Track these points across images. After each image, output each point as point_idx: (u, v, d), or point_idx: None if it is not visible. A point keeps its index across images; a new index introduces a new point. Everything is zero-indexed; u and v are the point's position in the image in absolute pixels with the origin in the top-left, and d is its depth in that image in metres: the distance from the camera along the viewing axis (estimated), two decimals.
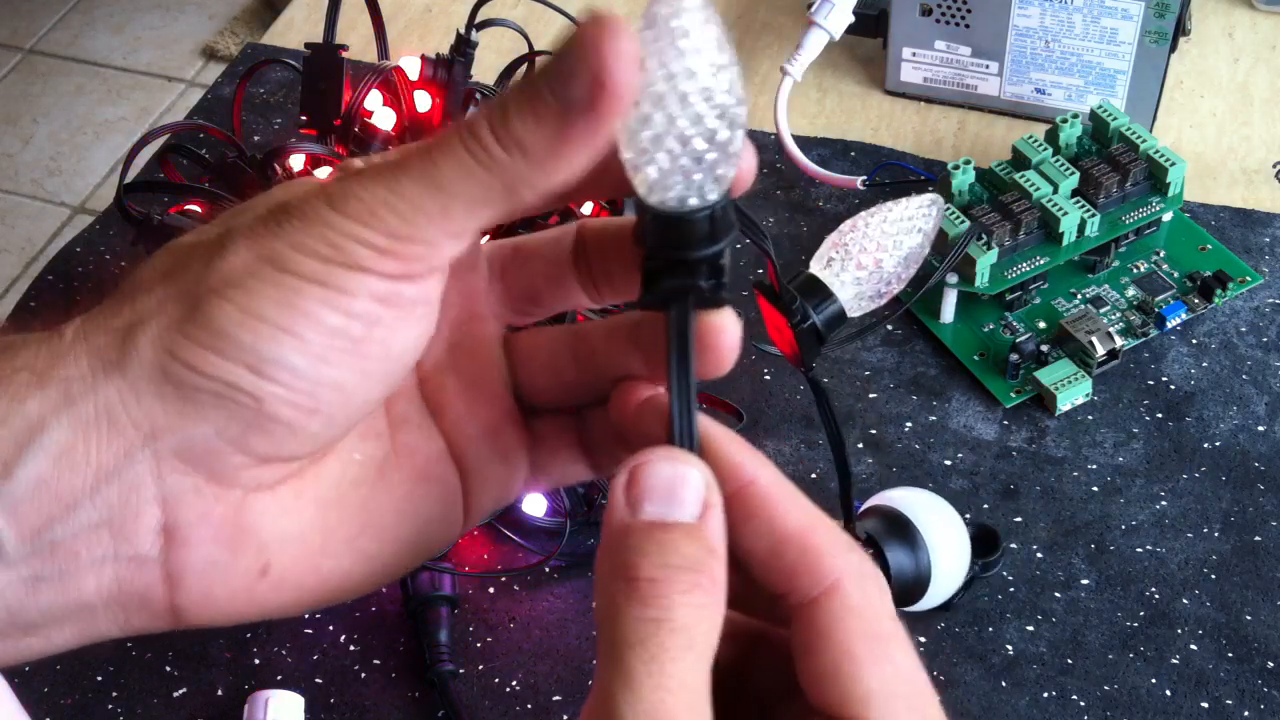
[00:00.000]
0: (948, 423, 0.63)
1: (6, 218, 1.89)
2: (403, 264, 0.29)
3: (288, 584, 0.31)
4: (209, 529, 0.30)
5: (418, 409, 0.34)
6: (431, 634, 0.56)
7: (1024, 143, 0.67)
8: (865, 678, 0.28)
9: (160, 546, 0.30)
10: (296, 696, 0.55)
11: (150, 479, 0.29)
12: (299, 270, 0.28)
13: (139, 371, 0.29)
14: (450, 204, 0.29)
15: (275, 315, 0.28)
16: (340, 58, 0.66)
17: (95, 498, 0.29)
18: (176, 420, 0.29)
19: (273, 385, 0.29)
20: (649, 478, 0.29)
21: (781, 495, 0.30)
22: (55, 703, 0.56)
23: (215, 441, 0.29)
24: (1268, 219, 0.70)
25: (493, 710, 0.55)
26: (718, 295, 0.30)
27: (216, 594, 0.31)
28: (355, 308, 0.29)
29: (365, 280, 0.29)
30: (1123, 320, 0.66)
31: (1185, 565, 0.58)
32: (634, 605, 0.27)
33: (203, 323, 0.28)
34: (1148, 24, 0.70)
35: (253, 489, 0.30)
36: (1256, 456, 0.61)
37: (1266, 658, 0.55)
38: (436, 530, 0.34)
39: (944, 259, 0.64)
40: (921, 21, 0.74)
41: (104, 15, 2.19)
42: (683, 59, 0.28)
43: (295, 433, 0.30)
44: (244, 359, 0.28)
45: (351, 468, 0.32)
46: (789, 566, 0.29)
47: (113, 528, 0.29)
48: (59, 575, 0.29)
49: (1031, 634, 0.56)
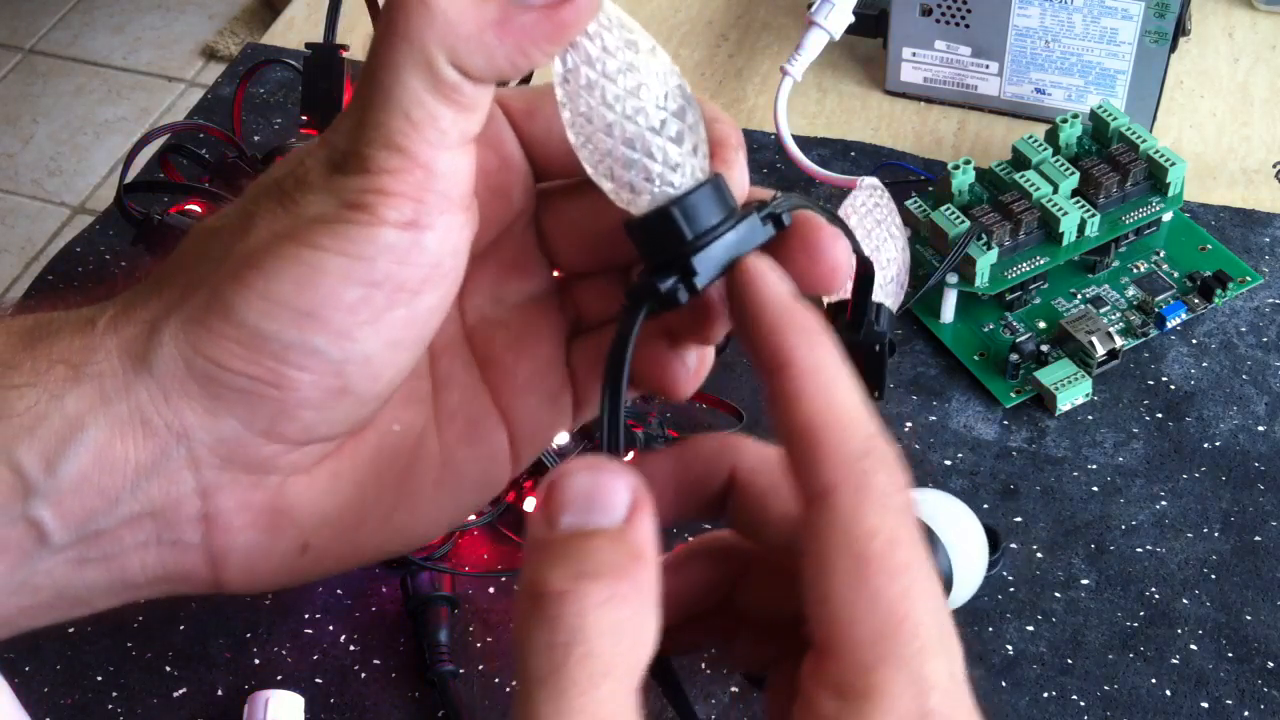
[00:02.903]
0: (948, 423, 0.63)
1: (6, 218, 1.89)
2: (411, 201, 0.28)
3: (327, 557, 0.32)
4: (249, 514, 0.30)
5: (463, 365, 0.33)
6: (431, 634, 0.56)
7: (1024, 143, 0.67)
8: (833, 599, 0.25)
9: (202, 533, 0.30)
10: (296, 696, 0.55)
11: (188, 473, 0.29)
12: (315, 241, 0.28)
13: (165, 368, 0.29)
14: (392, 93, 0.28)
15: (295, 298, 0.28)
16: (341, 58, 0.66)
17: (136, 492, 0.29)
18: (206, 419, 0.29)
19: (297, 371, 0.29)
20: (567, 489, 0.26)
21: (806, 384, 0.26)
22: (55, 703, 0.56)
23: (245, 434, 0.29)
24: (1268, 219, 0.70)
25: (493, 710, 0.55)
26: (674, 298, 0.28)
27: (258, 571, 0.31)
28: (376, 273, 0.28)
29: (382, 234, 0.28)
30: (1123, 320, 0.66)
31: (1185, 565, 0.58)
32: (541, 629, 0.25)
33: (224, 314, 0.28)
34: (1148, 24, 0.70)
35: (289, 473, 0.31)
36: (1256, 456, 0.61)
37: (1266, 658, 0.55)
38: (478, 491, 0.34)
39: (944, 259, 0.64)
40: (921, 21, 0.74)
41: (104, 15, 2.19)
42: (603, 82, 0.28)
43: (325, 415, 0.30)
44: (268, 348, 0.28)
45: (390, 439, 0.32)
46: (795, 470, 0.26)
47: (155, 517, 0.30)
48: (104, 558, 0.30)
49: (1031, 634, 0.56)
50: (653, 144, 0.29)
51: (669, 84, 0.29)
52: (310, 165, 0.29)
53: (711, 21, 0.85)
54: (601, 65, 0.28)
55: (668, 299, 0.28)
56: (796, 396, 0.26)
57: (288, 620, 0.58)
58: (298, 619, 0.58)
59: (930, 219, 0.65)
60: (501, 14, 0.28)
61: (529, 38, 0.28)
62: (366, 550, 0.32)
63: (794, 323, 0.27)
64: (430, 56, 0.28)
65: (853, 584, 0.25)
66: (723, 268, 0.29)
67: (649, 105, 0.28)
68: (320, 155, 0.29)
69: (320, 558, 0.32)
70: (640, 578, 0.25)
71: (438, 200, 0.29)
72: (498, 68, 0.28)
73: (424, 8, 0.28)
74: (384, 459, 0.32)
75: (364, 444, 0.32)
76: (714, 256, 0.29)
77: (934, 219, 0.65)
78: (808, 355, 0.27)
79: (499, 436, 0.34)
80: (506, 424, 0.34)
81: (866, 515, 0.26)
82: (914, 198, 0.67)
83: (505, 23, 0.28)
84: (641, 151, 0.28)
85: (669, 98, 0.29)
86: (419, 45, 0.28)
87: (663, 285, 0.28)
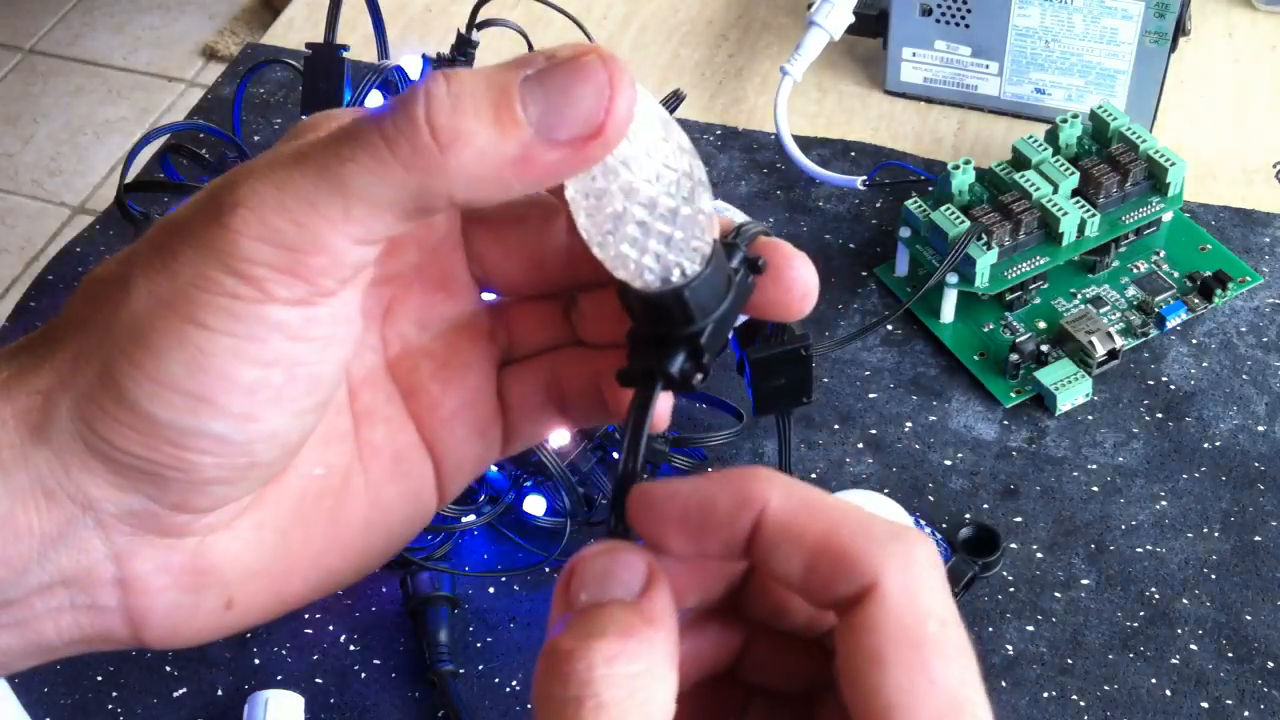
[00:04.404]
0: (948, 423, 0.63)
1: (6, 218, 1.89)
2: (307, 283, 0.26)
3: (253, 611, 0.30)
4: (168, 576, 0.29)
5: (385, 397, 0.32)
6: (431, 634, 0.56)
7: (1024, 143, 0.67)
8: (888, 689, 0.24)
9: (119, 597, 0.29)
10: (296, 696, 0.55)
11: (98, 540, 0.28)
12: (202, 319, 0.26)
13: (63, 442, 0.27)
14: (352, 205, 0.25)
15: (188, 382, 0.26)
16: (341, 58, 0.66)
17: (44, 562, 0.28)
18: (110, 492, 0.27)
19: (199, 455, 0.27)
20: (584, 571, 0.26)
21: (797, 511, 0.26)
22: (55, 703, 0.56)
23: (154, 507, 0.28)
24: (1268, 219, 0.70)
25: (493, 710, 0.55)
26: (688, 381, 0.28)
27: (181, 629, 0.30)
28: (268, 354, 0.26)
29: (272, 313, 0.26)
30: (1123, 320, 0.66)
31: (1185, 565, 0.58)
32: (554, 684, 0.24)
33: (116, 396, 0.26)
34: (1148, 24, 0.70)
35: (207, 534, 0.29)
36: (1256, 456, 0.61)
37: (1266, 658, 0.55)
38: (407, 525, 0.33)
39: (944, 259, 0.64)
40: (921, 21, 0.74)
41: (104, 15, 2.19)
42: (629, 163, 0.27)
43: (234, 485, 0.28)
44: (164, 435, 0.27)
45: (313, 483, 0.30)
46: (825, 580, 0.25)
47: (67, 585, 0.28)
48: (16, 624, 0.29)
49: (1031, 634, 0.56)
50: (666, 233, 0.28)
51: (685, 167, 0.28)
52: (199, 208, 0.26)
53: (711, 21, 0.85)
54: (622, 152, 0.27)
55: (684, 382, 0.28)
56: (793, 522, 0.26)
57: (288, 620, 0.58)
58: (298, 619, 0.58)
59: (930, 219, 0.65)
60: (523, 152, 0.25)
61: (552, 174, 0.26)
62: (294, 598, 0.31)
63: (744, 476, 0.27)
64: (424, 196, 0.25)
65: (910, 673, 0.24)
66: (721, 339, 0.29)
67: (663, 195, 0.27)
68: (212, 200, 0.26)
69: (246, 612, 0.30)
70: (653, 638, 0.25)
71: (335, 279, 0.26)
72: (507, 199, 0.26)
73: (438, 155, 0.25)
74: (308, 503, 0.30)
75: (286, 490, 0.30)
76: (717, 332, 0.29)
77: (934, 219, 0.65)
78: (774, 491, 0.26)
79: (425, 469, 0.32)
80: (433, 456, 0.32)
81: (919, 598, 0.25)
82: (914, 198, 0.67)
83: (527, 161, 0.25)
84: (654, 238, 0.27)
85: (680, 184, 0.28)
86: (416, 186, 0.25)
87: (674, 368, 0.28)
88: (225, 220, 0.26)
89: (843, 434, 0.63)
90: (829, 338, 0.67)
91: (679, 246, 0.28)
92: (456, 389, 0.32)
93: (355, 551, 0.32)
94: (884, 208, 0.72)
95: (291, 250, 0.26)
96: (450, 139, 0.25)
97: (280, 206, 0.25)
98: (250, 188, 0.26)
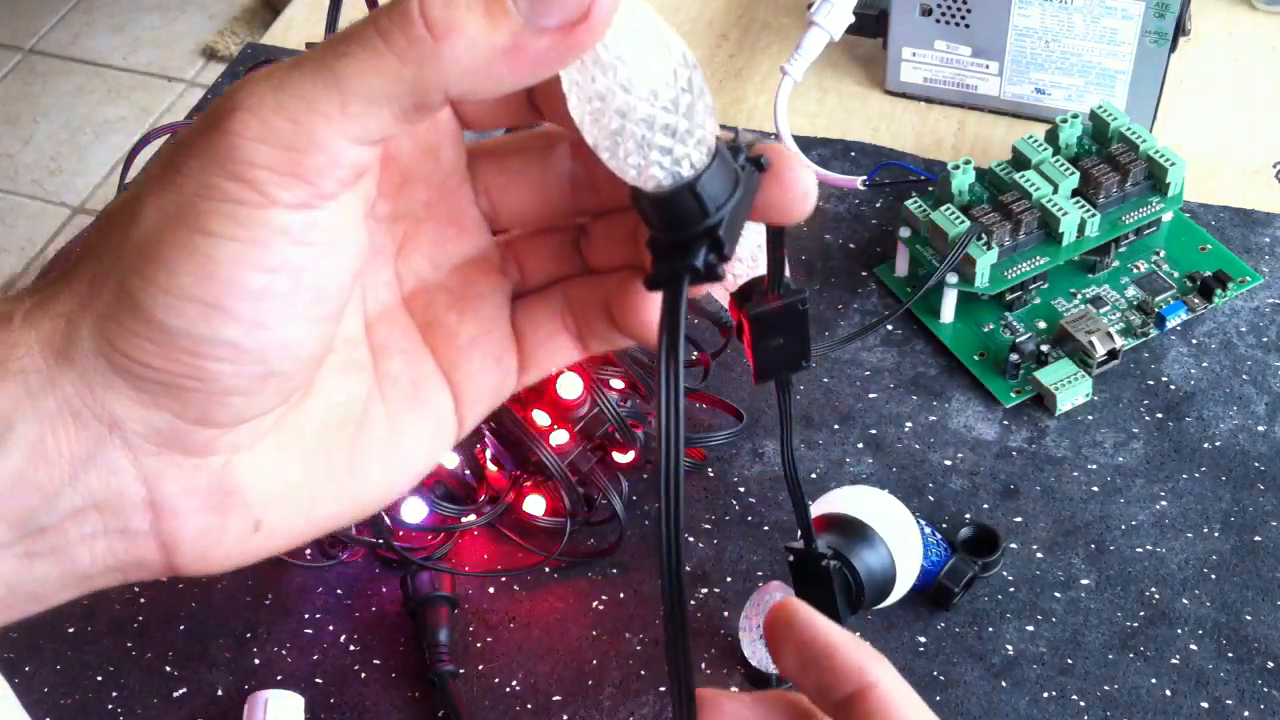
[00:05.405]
0: (948, 423, 0.63)
1: (6, 218, 1.89)
2: (307, 184, 0.27)
3: (280, 534, 0.31)
4: (196, 498, 0.30)
5: (402, 330, 0.33)
6: (431, 634, 0.56)
7: (1024, 143, 0.67)
8: None
9: (150, 520, 0.30)
10: (296, 696, 0.55)
11: (127, 462, 0.29)
12: (207, 227, 0.27)
13: (87, 363, 0.28)
14: (349, 100, 0.26)
15: (198, 290, 0.27)
16: None
17: (75, 485, 0.29)
18: (134, 409, 0.28)
19: (216, 364, 0.28)
20: None
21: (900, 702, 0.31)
22: (55, 703, 0.56)
23: (178, 423, 0.29)
24: (1268, 219, 0.70)
25: (493, 710, 0.55)
26: (714, 272, 0.29)
27: (212, 553, 0.30)
28: (273, 259, 0.27)
29: (274, 217, 0.27)
30: (1123, 320, 0.66)
31: (1185, 565, 0.58)
32: None
33: (131, 309, 0.28)
34: (1148, 24, 0.70)
35: (232, 453, 0.30)
36: (1256, 456, 0.61)
37: (1266, 658, 0.55)
38: (428, 453, 0.33)
39: (944, 259, 0.64)
40: (921, 21, 0.74)
41: (104, 15, 2.19)
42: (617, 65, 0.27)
43: (253, 398, 0.29)
44: (180, 345, 0.28)
45: (335, 410, 0.31)
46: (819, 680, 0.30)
47: (99, 509, 0.29)
48: (52, 551, 0.29)
49: (1031, 634, 0.56)
50: (671, 125, 0.28)
51: (680, 57, 0.28)
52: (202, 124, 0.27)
53: (711, 21, 0.85)
54: (617, 48, 0.27)
55: (710, 274, 0.29)
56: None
57: (288, 620, 0.58)
58: (298, 619, 0.58)
59: (930, 219, 0.65)
60: (513, 42, 0.26)
61: (542, 63, 0.26)
62: (321, 521, 0.32)
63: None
64: (419, 89, 0.26)
65: None
66: (737, 229, 0.29)
67: (663, 86, 0.28)
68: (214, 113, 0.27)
69: (274, 534, 0.31)
70: None
71: (334, 181, 0.27)
72: (500, 92, 0.27)
73: (432, 45, 0.26)
74: (329, 430, 0.31)
75: (307, 416, 0.31)
76: (732, 223, 0.29)
77: (934, 219, 0.65)
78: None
79: (443, 399, 0.33)
80: (451, 386, 0.33)
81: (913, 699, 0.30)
82: (914, 198, 0.67)
83: (517, 50, 0.26)
84: (660, 132, 0.28)
85: (678, 74, 0.28)
86: (412, 78, 0.26)
87: (698, 261, 0.29)
88: (225, 125, 0.26)
89: (843, 434, 0.63)
90: (829, 338, 0.67)
91: (684, 137, 0.28)
92: (471, 319, 0.33)
93: (378, 478, 0.32)
94: (884, 208, 0.72)
95: (289, 150, 0.26)
96: (444, 30, 0.26)
97: (278, 106, 0.26)
98: (248, 91, 0.26)
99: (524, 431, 0.56)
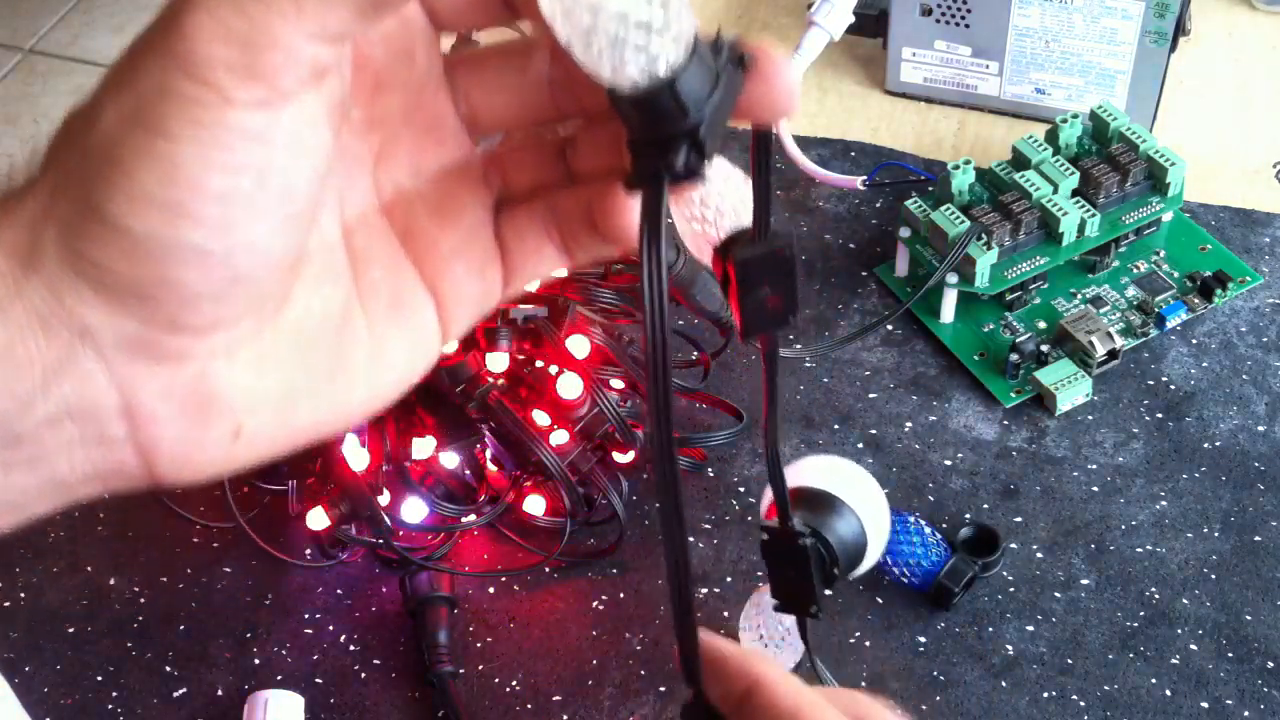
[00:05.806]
0: (948, 423, 0.63)
1: None
2: (264, 83, 0.26)
3: (261, 441, 0.31)
4: (173, 405, 0.29)
5: (381, 239, 0.32)
6: (431, 634, 0.56)
7: (1024, 143, 0.67)
8: None
9: (127, 427, 0.29)
10: (296, 696, 0.55)
11: (99, 369, 0.28)
12: (167, 130, 0.26)
13: (52, 270, 0.28)
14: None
15: (160, 193, 0.27)
16: None
17: (48, 393, 0.28)
18: (103, 316, 0.28)
19: (182, 268, 0.28)
20: None
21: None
22: (55, 703, 0.56)
23: (149, 330, 0.28)
24: (1268, 219, 0.70)
25: (493, 710, 0.55)
26: (695, 171, 0.28)
27: (193, 460, 0.30)
28: (235, 160, 0.27)
29: (233, 116, 0.26)
30: (1123, 320, 0.66)
31: (1185, 565, 0.58)
32: None
33: (95, 216, 0.27)
34: (1148, 24, 0.70)
35: (208, 359, 0.30)
36: (1256, 456, 0.61)
37: (1266, 658, 0.55)
38: (411, 363, 0.33)
39: (944, 259, 0.64)
40: (921, 21, 0.74)
41: (104, 15, 2.19)
42: None
43: (222, 304, 0.29)
44: (145, 249, 0.27)
45: (313, 317, 0.31)
46: None
47: (74, 417, 0.29)
48: (29, 461, 0.29)
49: (1031, 634, 0.56)
50: (645, 20, 0.27)
51: None
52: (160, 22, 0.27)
53: (711, 21, 0.85)
54: None
55: (690, 174, 0.28)
56: None
57: (288, 620, 0.58)
58: (298, 619, 0.58)
59: (930, 219, 0.65)
60: None
61: None
62: (303, 428, 0.32)
63: None
64: None
65: None
66: (718, 130, 0.29)
67: None
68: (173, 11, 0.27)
69: (254, 440, 0.31)
70: None
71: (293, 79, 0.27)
72: None
73: None
74: (307, 339, 0.31)
75: (285, 323, 0.31)
76: (713, 121, 0.28)
77: (934, 219, 0.65)
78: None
79: (426, 309, 0.33)
80: (434, 296, 0.33)
81: None
82: (914, 198, 0.67)
83: None
84: (634, 28, 0.27)
85: None
86: None
87: (680, 162, 0.28)
88: (180, 23, 0.26)
89: (843, 434, 0.63)
90: (829, 337, 0.67)
91: (660, 33, 0.27)
92: (452, 228, 0.33)
93: (362, 387, 0.32)
94: (884, 208, 0.72)
95: (245, 46, 0.26)
96: None
97: (234, 3, 0.26)
98: None
99: (524, 431, 0.56)
